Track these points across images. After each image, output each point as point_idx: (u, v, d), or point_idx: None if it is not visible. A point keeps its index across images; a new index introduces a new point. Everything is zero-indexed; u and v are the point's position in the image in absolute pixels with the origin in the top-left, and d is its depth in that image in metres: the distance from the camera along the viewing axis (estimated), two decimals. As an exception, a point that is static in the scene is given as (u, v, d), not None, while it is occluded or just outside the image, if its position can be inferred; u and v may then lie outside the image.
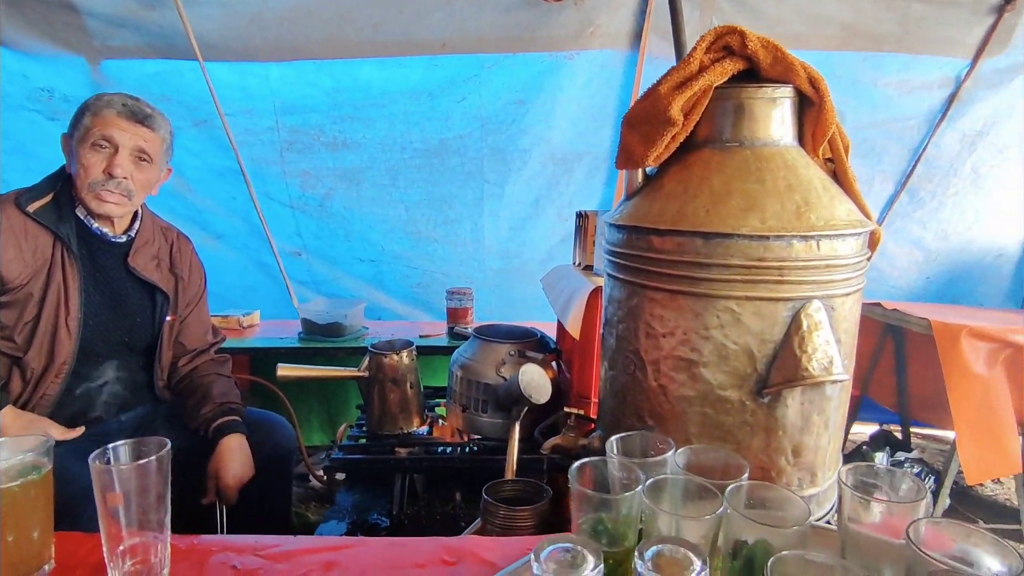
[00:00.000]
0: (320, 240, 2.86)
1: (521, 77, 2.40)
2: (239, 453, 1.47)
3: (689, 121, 0.96)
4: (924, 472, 2.22)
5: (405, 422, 1.63)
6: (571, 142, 2.55)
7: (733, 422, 0.90)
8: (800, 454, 0.92)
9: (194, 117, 2.49)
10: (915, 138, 2.52)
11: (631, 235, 0.99)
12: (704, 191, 0.92)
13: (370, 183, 2.67)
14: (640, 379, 0.98)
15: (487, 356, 1.58)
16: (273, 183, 2.68)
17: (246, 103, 2.47)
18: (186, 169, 2.67)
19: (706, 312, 0.89)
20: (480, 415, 1.57)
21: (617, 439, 0.77)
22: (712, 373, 0.90)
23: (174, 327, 1.58)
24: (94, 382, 1.45)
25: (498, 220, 2.73)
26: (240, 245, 2.90)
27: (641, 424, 0.99)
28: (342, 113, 2.50)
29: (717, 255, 0.88)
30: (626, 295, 1.00)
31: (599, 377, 1.48)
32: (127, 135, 1.35)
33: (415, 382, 1.64)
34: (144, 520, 0.77)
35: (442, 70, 2.40)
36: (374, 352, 1.61)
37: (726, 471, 0.72)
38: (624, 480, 0.71)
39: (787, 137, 0.96)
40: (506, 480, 1.21)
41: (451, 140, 2.56)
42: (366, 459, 1.47)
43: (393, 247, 2.84)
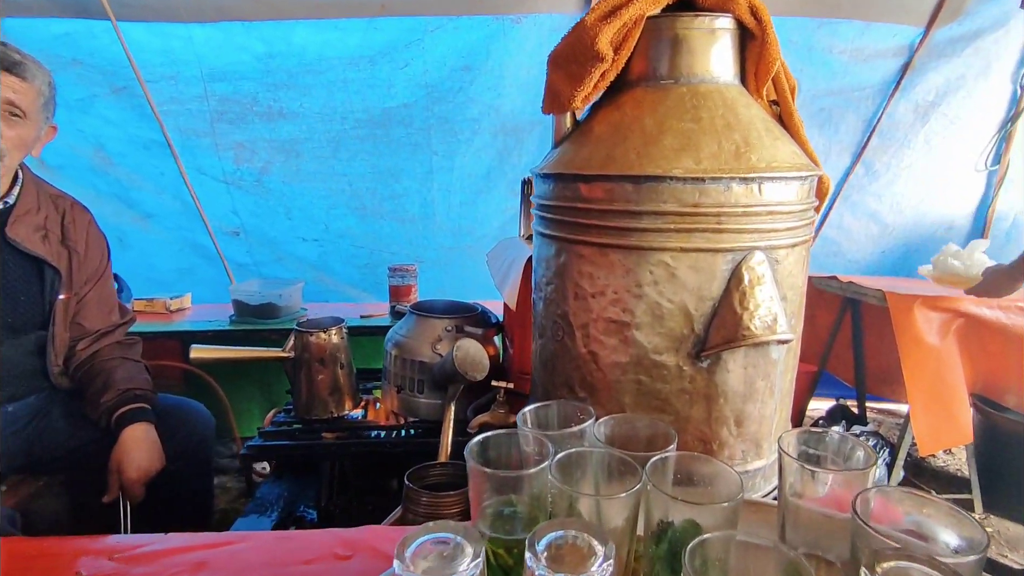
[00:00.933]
0: (259, 218, 2.69)
1: (466, 41, 2.27)
2: (145, 444, 1.33)
3: (620, 56, 0.86)
4: (879, 445, 2.20)
5: (336, 405, 1.51)
6: (522, 111, 2.43)
7: (670, 390, 0.81)
8: (743, 424, 0.83)
9: (111, 83, 2.28)
10: (870, 108, 2.48)
11: (557, 184, 0.88)
12: (635, 132, 0.82)
13: (310, 155, 2.51)
14: (569, 346, 0.88)
15: (423, 333, 1.47)
16: (204, 156, 2.50)
17: (170, 68, 2.28)
18: (107, 141, 2.47)
19: (638, 268, 0.79)
20: (416, 396, 1.46)
21: (530, 410, 0.66)
22: (646, 336, 0.81)
23: (69, 306, 1.41)
24: (-29, 368, 1.29)
25: (448, 195, 2.60)
26: (172, 225, 2.71)
27: (572, 396, 0.89)
28: (276, 80, 2.33)
29: (649, 202, 0.78)
30: (554, 253, 0.90)
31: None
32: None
33: (346, 362, 1.52)
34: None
35: (382, 34, 2.24)
36: (300, 331, 1.48)
37: (653, 442, 0.63)
38: (536, 456, 0.61)
39: (727, 75, 0.87)
40: (434, 464, 1.10)
41: (395, 109, 2.42)
42: (287, 445, 1.34)
43: (337, 224, 2.68)
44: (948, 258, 2.15)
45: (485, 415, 1.04)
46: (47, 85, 1.30)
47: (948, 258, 2.15)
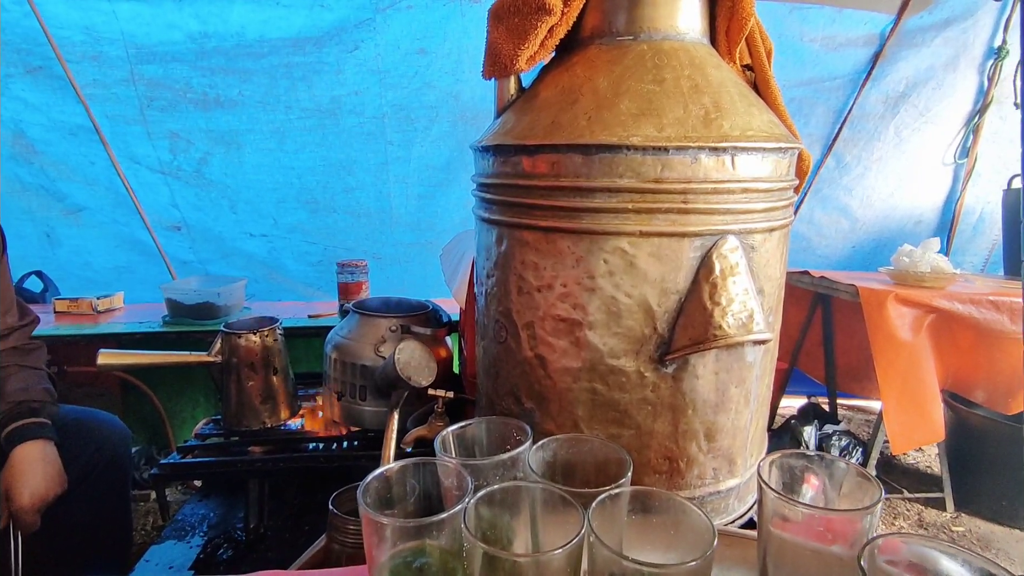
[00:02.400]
0: (201, 212, 2.50)
1: (421, 22, 2.12)
2: (40, 465, 1.16)
3: (571, 9, 0.73)
4: (852, 444, 2.13)
5: (269, 415, 1.35)
6: (483, 99, 2.29)
7: (630, 400, 0.69)
8: (715, 438, 0.71)
9: (26, 63, 2.08)
10: (840, 99, 2.41)
11: (497, 159, 0.75)
12: (586, 95, 0.69)
13: (252, 147, 2.33)
14: (513, 348, 0.75)
15: (366, 333, 1.33)
16: (137, 144, 2.30)
17: (91, 47, 2.08)
18: (27, 127, 2.25)
19: (590, 256, 0.67)
20: (359, 403, 1.31)
21: (453, 431, 0.53)
22: (600, 337, 0.68)
23: (-46, 307, 1.23)
24: None
25: (406, 187, 2.45)
26: (106, 219, 2.50)
27: (517, 406, 0.76)
28: (212, 64, 2.14)
29: (602, 176, 0.65)
30: (494, 240, 0.77)
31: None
32: None
33: (282, 367, 1.37)
34: None
35: (329, 13, 2.08)
36: (227, 332, 1.32)
37: (604, 469, 0.50)
38: (456, 491, 0.48)
39: (694, 31, 0.75)
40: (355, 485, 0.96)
41: (345, 97, 2.25)
42: (206, 463, 1.18)
43: (287, 219, 2.51)
44: (902, 257, 2.09)
45: (422, 428, 0.91)
46: None
47: (902, 257, 2.09)
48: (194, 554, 1.19)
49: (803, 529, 0.45)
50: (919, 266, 2.00)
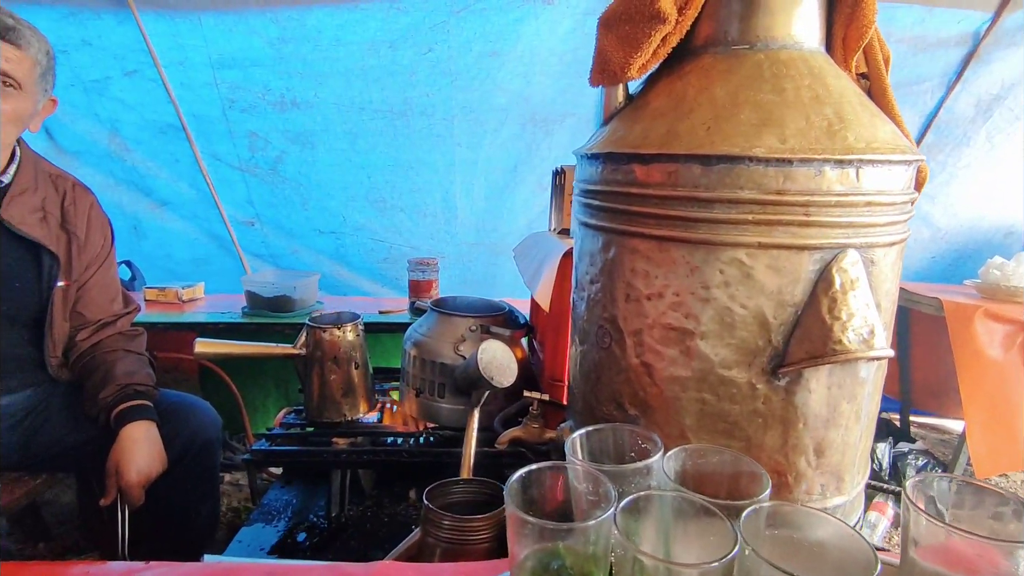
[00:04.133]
0: (275, 209, 2.60)
1: (495, 25, 2.14)
2: (145, 444, 1.23)
3: (685, 18, 0.73)
4: (930, 465, 2.04)
5: (349, 408, 1.40)
6: (553, 101, 2.30)
7: (740, 411, 0.68)
8: (825, 453, 0.70)
9: (123, 66, 2.21)
10: (927, 103, 2.31)
11: (607, 166, 0.76)
12: (703, 105, 0.69)
13: (326, 147, 2.41)
14: (617, 355, 0.76)
15: (445, 332, 1.35)
16: (219, 142, 2.42)
17: (177, 53, 2.19)
18: (122, 126, 2.40)
19: (706, 266, 0.67)
20: (437, 400, 1.34)
21: (581, 436, 0.54)
22: (713, 347, 0.68)
23: (69, 294, 1.32)
24: (-38, 359, 1.20)
25: (472, 188, 2.49)
26: (188, 214, 2.64)
27: (620, 413, 0.77)
28: (290, 68, 2.22)
29: (721, 187, 0.65)
30: (600, 246, 0.77)
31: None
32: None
33: (361, 361, 1.41)
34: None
35: (404, 16, 2.13)
36: (312, 326, 1.37)
37: (736, 483, 0.50)
38: (591, 495, 0.49)
39: (812, 40, 0.74)
40: (457, 481, 0.98)
41: (416, 99, 2.30)
42: (295, 451, 1.24)
43: (356, 217, 2.58)
44: (992, 270, 1.98)
45: (516, 429, 0.93)
46: (44, 54, 1.20)
47: (992, 270, 1.98)
48: (281, 538, 1.24)
49: (950, 558, 0.44)
50: (1012, 280, 1.89)
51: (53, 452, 1.32)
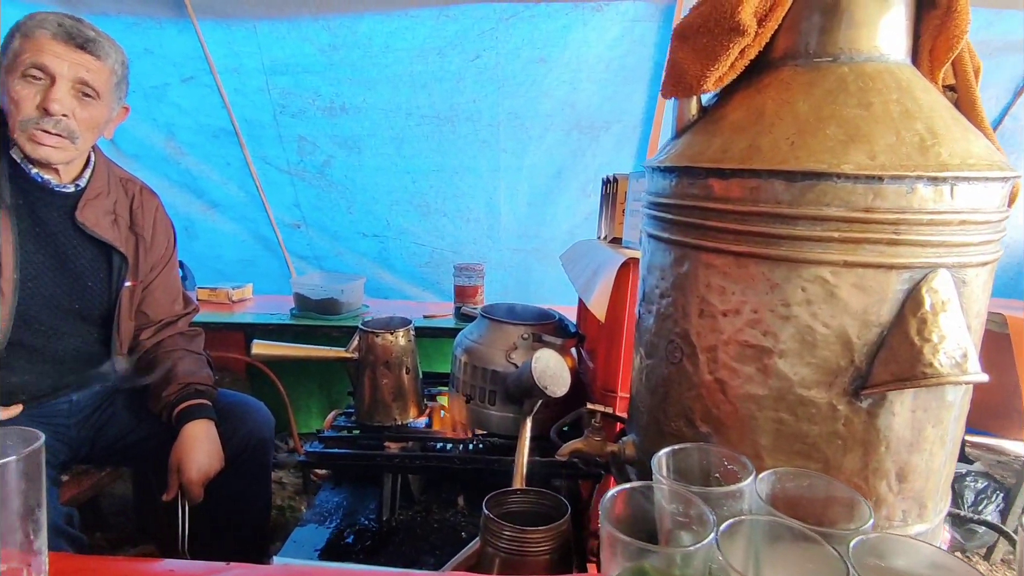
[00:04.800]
0: (321, 212, 2.65)
1: (543, 31, 2.15)
2: (205, 443, 1.27)
3: (765, 30, 0.72)
4: (991, 488, 1.96)
5: (400, 412, 1.42)
6: (598, 108, 2.29)
7: (819, 432, 0.67)
8: (907, 478, 0.68)
9: (180, 73, 2.28)
10: (992, 110, 2.23)
11: (682, 180, 0.75)
12: (786, 119, 0.68)
13: (372, 151, 2.45)
14: (689, 371, 0.75)
15: (496, 339, 1.36)
16: (269, 146, 2.48)
17: (233, 60, 2.26)
18: (178, 130, 2.47)
19: (787, 283, 0.65)
20: (487, 407, 1.35)
21: (667, 454, 0.54)
22: (792, 365, 0.67)
23: (135, 294, 1.37)
24: (39, 355, 1.25)
25: (515, 194, 2.49)
26: (237, 216, 2.71)
27: (691, 430, 0.76)
28: (339, 74, 2.26)
29: (806, 204, 0.64)
30: (673, 260, 0.77)
31: (630, 367, 1.25)
32: (65, 63, 1.13)
33: (412, 366, 1.43)
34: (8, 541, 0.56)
35: (453, 23, 2.15)
36: (365, 331, 1.39)
37: (828, 509, 0.49)
38: (680, 516, 0.49)
39: (898, 52, 0.72)
40: (514, 490, 0.98)
41: (463, 105, 2.32)
42: (348, 455, 1.25)
43: (399, 221, 2.61)
44: None
45: (578, 442, 0.92)
46: (120, 64, 1.25)
47: None
48: (334, 540, 1.26)
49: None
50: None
51: (118, 447, 1.37)
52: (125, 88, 1.29)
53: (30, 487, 0.56)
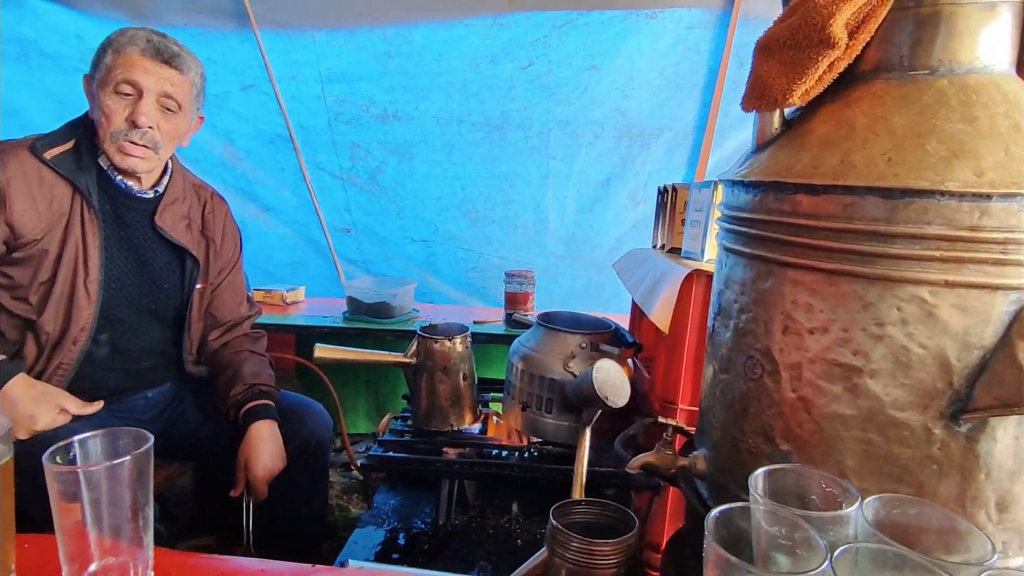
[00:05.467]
0: (371, 216, 2.70)
1: (596, 39, 2.15)
2: (270, 442, 1.31)
3: (856, 42, 0.71)
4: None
5: (456, 418, 1.43)
6: (650, 115, 2.28)
7: (912, 456, 0.65)
8: (1008, 508, 0.65)
9: (241, 81, 2.36)
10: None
11: (767, 195, 0.74)
12: (881, 134, 0.66)
13: (423, 158, 2.48)
14: (770, 387, 0.74)
15: (553, 347, 1.36)
16: (323, 152, 2.54)
17: (291, 69, 2.33)
18: (236, 136, 2.56)
19: (882, 302, 0.64)
20: (543, 415, 1.35)
21: (764, 474, 0.53)
22: (884, 386, 0.65)
23: (205, 296, 1.42)
24: (118, 353, 1.31)
25: (564, 201, 2.49)
26: (289, 219, 2.79)
27: (769, 447, 0.74)
28: (393, 82, 2.31)
29: (904, 221, 0.62)
30: (754, 276, 0.75)
31: (696, 380, 1.24)
32: (152, 78, 1.19)
33: (469, 373, 1.44)
34: (119, 535, 0.58)
35: (507, 31, 2.17)
36: (423, 336, 1.41)
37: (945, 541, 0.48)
38: (781, 539, 0.48)
39: (1001, 62, 0.69)
40: (578, 501, 0.98)
41: (514, 112, 2.34)
42: (409, 459, 1.27)
43: (447, 227, 2.64)
44: None
45: (648, 455, 0.91)
46: (199, 77, 1.30)
47: None
48: (393, 541, 1.28)
49: None
50: None
51: (187, 443, 1.42)
52: (202, 99, 1.34)
53: (140, 485, 0.59)
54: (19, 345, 1.20)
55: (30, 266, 1.18)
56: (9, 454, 0.62)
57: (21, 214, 1.14)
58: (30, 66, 2.54)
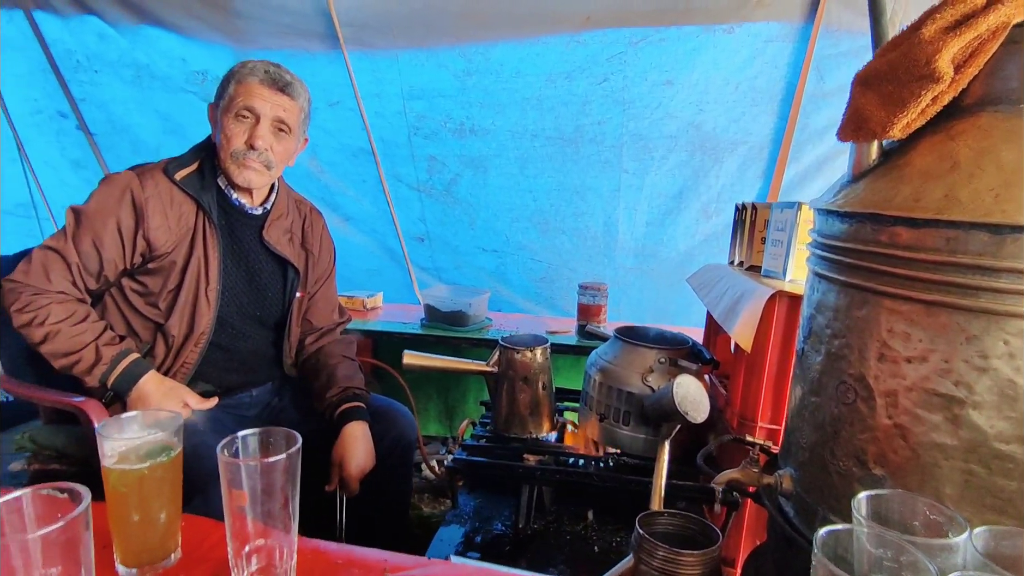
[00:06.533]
0: (444, 227, 2.81)
1: (671, 54, 2.17)
2: (363, 442, 1.40)
3: (963, 76, 0.72)
4: None
5: (534, 426, 1.49)
6: (724, 129, 2.28)
7: (1017, 489, 0.66)
8: (1118, 544, 0.65)
9: (328, 98, 2.51)
10: None
11: (864, 226, 0.76)
12: (987, 168, 0.67)
13: (497, 171, 2.56)
14: (863, 413, 0.76)
15: (632, 361, 1.40)
16: (402, 164, 2.66)
17: (375, 87, 2.45)
18: (320, 150, 2.71)
19: (987, 335, 0.65)
20: (620, 427, 1.39)
21: (867, 498, 0.56)
22: (987, 418, 0.66)
23: (303, 304, 1.54)
24: (230, 354, 1.44)
25: (634, 214, 2.52)
26: (368, 228, 2.92)
27: (862, 471, 0.76)
28: (471, 98, 2.39)
29: (1012, 257, 0.63)
30: (848, 303, 0.78)
31: (777, 399, 1.25)
32: (268, 105, 1.31)
33: (548, 383, 1.50)
34: (271, 521, 0.67)
35: (583, 48, 2.22)
36: (505, 347, 1.48)
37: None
38: (888, 562, 0.51)
39: (1116, 98, 0.69)
40: (660, 512, 1.02)
41: (588, 127, 2.38)
42: (492, 464, 1.34)
43: (518, 237, 2.71)
44: None
45: (734, 472, 0.94)
46: (307, 102, 1.42)
47: None
48: (474, 540, 1.35)
49: None
50: None
51: (284, 440, 1.54)
52: (308, 122, 1.46)
53: (289, 480, 0.67)
54: (151, 345, 1.35)
55: (161, 276, 1.32)
56: (179, 446, 0.73)
57: (156, 230, 1.28)
58: (141, 87, 2.78)
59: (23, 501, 0.54)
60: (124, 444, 0.68)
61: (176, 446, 0.72)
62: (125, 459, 0.67)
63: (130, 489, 0.67)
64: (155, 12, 2.49)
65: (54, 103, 2.92)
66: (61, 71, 2.79)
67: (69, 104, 2.89)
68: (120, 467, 0.66)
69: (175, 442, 0.72)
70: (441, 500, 2.31)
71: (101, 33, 2.63)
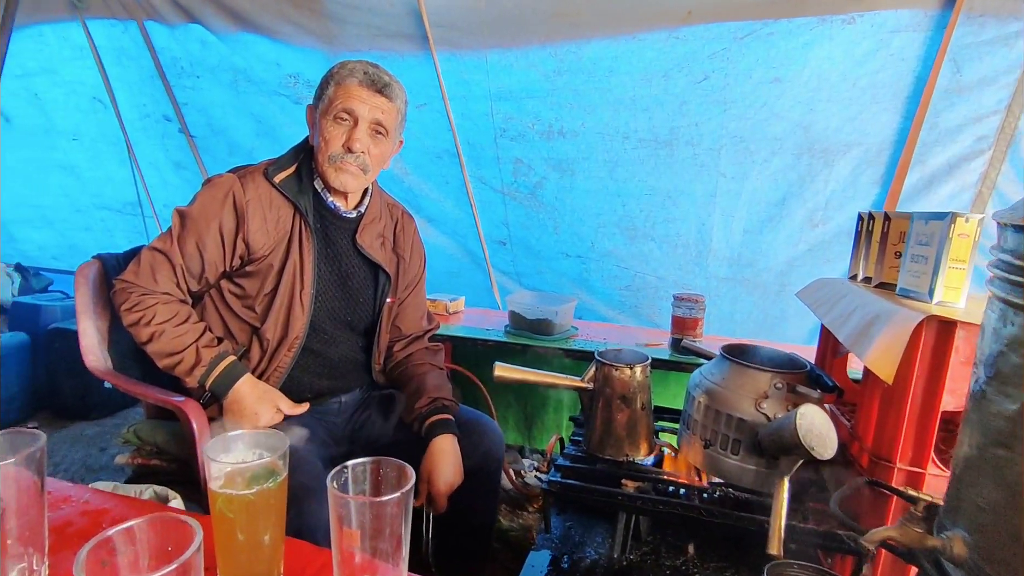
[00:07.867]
0: (527, 231, 2.75)
1: (781, 49, 2.01)
2: (452, 457, 1.35)
3: None
4: None
5: (631, 448, 1.39)
6: (837, 130, 2.09)
7: None
8: None
9: (415, 100, 2.49)
10: None
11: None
12: None
13: (584, 174, 2.47)
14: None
15: (742, 384, 1.27)
16: (487, 167, 2.62)
17: (463, 88, 2.42)
18: (406, 151, 2.69)
19: None
20: (728, 456, 1.26)
21: None
22: None
23: (392, 309, 1.51)
24: (321, 359, 1.43)
25: (731, 221, 2.36)
26: (449, 231, 2.91)
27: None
28: (560, 99, 2.32)
29: None
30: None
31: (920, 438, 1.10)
32: (366, 107, 1.28)
33: (647, 403, 1.39)
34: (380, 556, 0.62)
35: (683, 45, 2.09)
36: (602, 362, 1.39)
37: None
38: None
39: None
40: (789, 563, 0.90)
41: (684, 128, 2.25)
42: (592, 489, 1.25)
43: (604, 243, 2.61)
44: None
45: (891, 529, 0.81)
46: (404, 104, 1.39)
47: None
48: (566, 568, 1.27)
49: None
50: None
51: (371, 448, 1.51)
52: (404, 125, 1.43)
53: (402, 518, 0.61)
54: (246, 348, 1.35)
55: (258, 279, 1.32)
56: (285, 471, 0.69)
57: (256, 233, 1.28)
58: (238, 91, 2.89)
59: (135, 532, 0.51)
60: (231, 467, 0.65)
61: (282, 470, 0.68)
62: (231, 482, 0.64)
63: (237, 515, 0.63)
64: (252, 18, 2.57)
65: (160, 108, 3.08)
66: (167, 77, 2.93)
67: (173, 108, 3.04)
68: (227, 491, 0.63)
69: (281, 466, 0.68)
70: (518, 513, 2.24)
71: (203, 40, 2.74)
